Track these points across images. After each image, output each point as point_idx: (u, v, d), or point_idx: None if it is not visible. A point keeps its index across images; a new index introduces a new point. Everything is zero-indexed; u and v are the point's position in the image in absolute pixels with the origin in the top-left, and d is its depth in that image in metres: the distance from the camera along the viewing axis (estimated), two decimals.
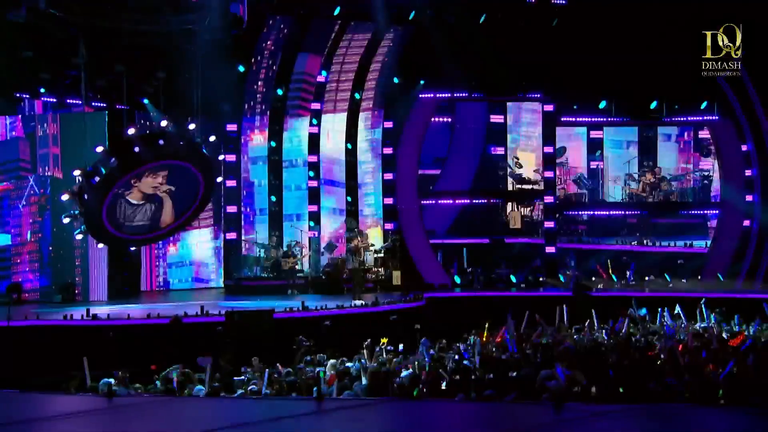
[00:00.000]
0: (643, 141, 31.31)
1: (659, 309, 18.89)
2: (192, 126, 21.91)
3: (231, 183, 26.77)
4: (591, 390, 10.72)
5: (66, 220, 21.01)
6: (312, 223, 26.88)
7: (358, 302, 20.81)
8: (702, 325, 18.32)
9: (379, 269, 25.78)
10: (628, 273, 27.13)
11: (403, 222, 27.10)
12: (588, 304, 21.26)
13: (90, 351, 15.32)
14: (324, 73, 27.05)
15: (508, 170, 30.70)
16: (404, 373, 13.32)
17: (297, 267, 25.25)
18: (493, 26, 26.23)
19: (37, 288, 22.61)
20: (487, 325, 16.46)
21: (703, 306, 19.92)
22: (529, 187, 30.44)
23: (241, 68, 26.15)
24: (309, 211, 26.92)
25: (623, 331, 16.87)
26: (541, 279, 27.31)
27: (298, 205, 27.32)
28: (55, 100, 24.98)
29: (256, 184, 27.51)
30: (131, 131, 20.67)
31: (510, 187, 30.96)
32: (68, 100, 24.98)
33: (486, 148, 31.03)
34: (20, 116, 23.70)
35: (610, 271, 27.36)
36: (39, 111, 24.69)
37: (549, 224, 28.87)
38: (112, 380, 11.46)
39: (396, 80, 27.47)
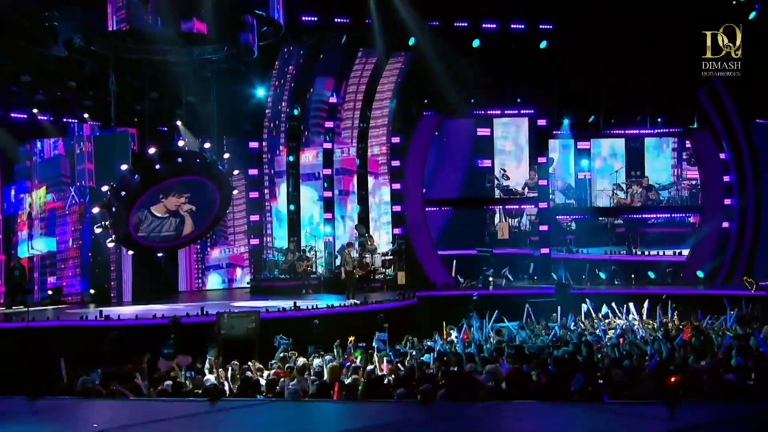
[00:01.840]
0: (630, 151, 29.79)
1: (614, 305, 18.37)
2: (207, 145, 21.92)
3: (254, 195, 26.79)
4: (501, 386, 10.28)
5: (98, 230, 21.13)
6: (327, 230, 26.69)
7: (350, 302, 20.52)
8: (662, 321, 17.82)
9: (387, 270, 25.49)
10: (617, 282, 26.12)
11: (410, 226, 26.83)
12: (568, 301, 20.86)
13: (96, 349, 15.42)
14: (334, 94, 26.82)
15: (496, 182, 29.56)
16: (369, 368, 13.05)
17: (310, 269, 25.02)
18: (487, 50, 25.76)
19: (78, 291, 22.64)
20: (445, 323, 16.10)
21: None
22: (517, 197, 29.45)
23: (261, 91, 26.01)
24: (324, 219, 26.74)
25: (582, 327, 16.45)
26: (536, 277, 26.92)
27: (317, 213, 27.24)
28: (100, 123, 25.13)
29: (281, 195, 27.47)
30: (152, 150, 20.75)
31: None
32: (111, 123, 25.11)
33: (473, 161, 29.72)
34: (62, 137, 23.72)
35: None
36: (87, 133, 24.81)
37: (543, 228, 28.23)
38: (85, 378, 11.35)
39: (402, 99, 27.14)
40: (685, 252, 28.09)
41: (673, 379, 10.11)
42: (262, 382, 11.82)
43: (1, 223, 23.96)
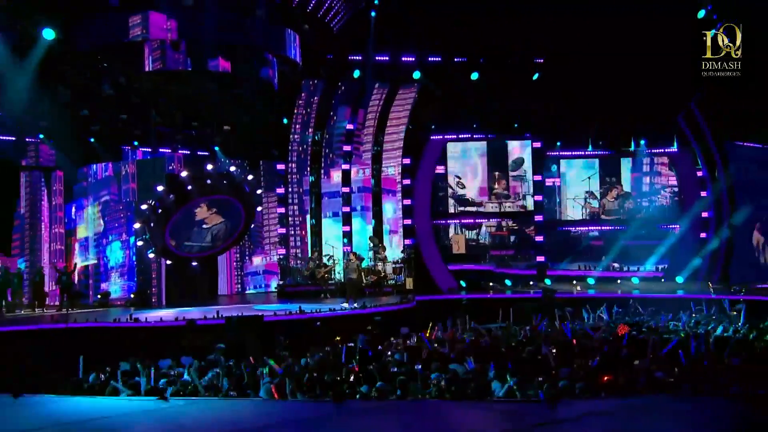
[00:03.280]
0: (605, 158, 27.62)
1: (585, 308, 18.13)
2: (233, 168, 22.18)
3: (281, 210, 27.01)
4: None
5: (140, 243, 21.55)
6: (345, 241, 26.77)
7: (347, 305, 20.35)
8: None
9: (397, 276, 25.45)
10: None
11: (419, 237, 26.72)
12: (552, 303, 20.56)
13: (124, 348, 15.56)
14: (350, 121, 26.94)
15: (449, 191, 27.57)
16: None
17: (328, 276, 25.06)
18: (485, 81, 25.71)
19: (125, 297, 22.93)
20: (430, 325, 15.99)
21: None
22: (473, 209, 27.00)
23: (285, 120, 26.30)
24: (343, 231, 26.85)
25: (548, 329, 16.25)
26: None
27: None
28: (150, 149, 25.57)
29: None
30: (184, 173, 21.09)
31: (452, 209, 27.65)
32: (160, 149, 25.56)
33: None
34: (118, 161, 24.15)
35: None
36: (139, 158, 25.21)
37: (539, 238, 27.71)
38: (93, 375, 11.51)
39: (412, 126, 27.16)
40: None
41: (606, 378, 10.04)
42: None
43: (63, 236, 24.55)
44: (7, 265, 22.13)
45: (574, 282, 25.75)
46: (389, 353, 13.85)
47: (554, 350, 13.02)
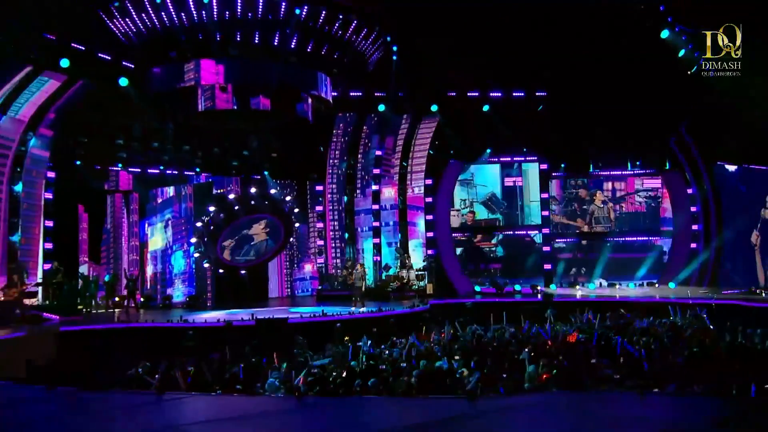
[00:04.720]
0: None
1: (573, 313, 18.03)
2: (273, 191, 22.77)
3: (319, 225, 27.51)
4: None
5: (196, 255, 22.33)
6: (374, 251, 27.16)
7: (354, 309, 20.57)
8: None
9: (419, 282, 25.64)
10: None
11: (440, 248, 26.86)
12: (550, 306, 20.43)
13: (171, 345, 16.06)
14: (379, 148, 27.32)
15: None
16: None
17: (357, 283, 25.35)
18: (495, 112, 25.84)
19: (185, 300, 23.68)
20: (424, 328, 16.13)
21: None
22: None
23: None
24: (373, 243, 27.21)
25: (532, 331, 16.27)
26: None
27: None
28: (210, 174, 26.44)
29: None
30: (231, 196, 21.80)
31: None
32: (218, 174, 26.36)
33: None
34: (183, 184, 25.06)
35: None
36: (203, 181, 26.07)
37: (546, 248, 27.32)
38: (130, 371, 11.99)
39: (432, 151, 27.39)
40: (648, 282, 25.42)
41: (545, 377, 10.21)
42: None
43: (138, 247, 25.56)
44: (89, 271, 23.26)
45: (577, 287, 25.57)
46: (387, 352, 14.15)
47: (528, 349, 13.16)
